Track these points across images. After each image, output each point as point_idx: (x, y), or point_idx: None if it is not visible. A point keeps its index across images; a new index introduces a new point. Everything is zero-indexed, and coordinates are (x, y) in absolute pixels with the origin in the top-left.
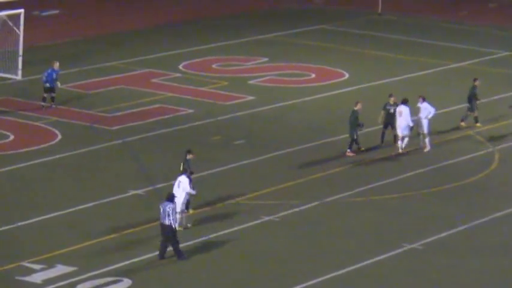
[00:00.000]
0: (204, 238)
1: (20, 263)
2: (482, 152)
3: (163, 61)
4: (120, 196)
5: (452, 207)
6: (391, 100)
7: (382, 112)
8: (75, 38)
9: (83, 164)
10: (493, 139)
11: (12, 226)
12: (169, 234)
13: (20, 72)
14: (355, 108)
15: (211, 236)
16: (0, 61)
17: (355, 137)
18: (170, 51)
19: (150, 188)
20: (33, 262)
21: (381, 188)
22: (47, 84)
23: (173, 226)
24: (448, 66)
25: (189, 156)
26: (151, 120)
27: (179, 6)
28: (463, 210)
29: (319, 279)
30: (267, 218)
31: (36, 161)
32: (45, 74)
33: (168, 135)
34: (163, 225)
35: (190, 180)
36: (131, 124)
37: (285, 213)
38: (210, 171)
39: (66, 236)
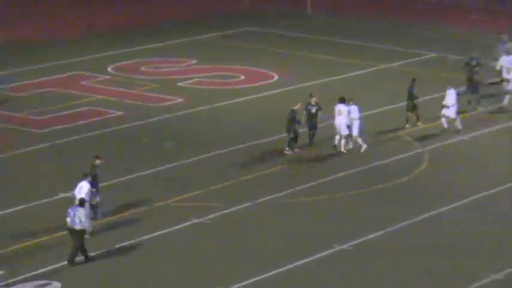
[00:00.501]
0: (133, 241)
1: None
2: (412, 153)
3: (93, 63)
4: (49, 199)
5: (382, 208)
6: (313, 100)
7: (305, 112)
8: (3, 40)
9: (11, 167)
10: (423, 139)
11: None
12: (79, 239)
13: None
14: (295, 108)
15: (141, 238)
16: None
17: (292, 136)
18: (100, 54)
19: None
20: None
21: (311, 189)
22: None
23: (83, 230)
24: (378, 68)
25: (97, 162)
26: (80, 122)
27: (108, 10)
28: (393, 211)
29: (248, 281)
30: (197, 220)
31: None
32: None
33: (98, 137)
34: (73, 230)
35: (93, 186)
36: (60, 127)
37: (215, 215)
38: (140, 173)
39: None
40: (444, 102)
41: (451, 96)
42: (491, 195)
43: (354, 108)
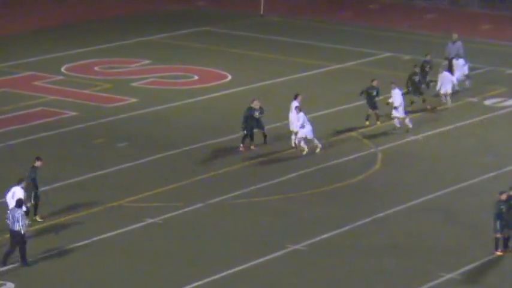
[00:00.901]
0: (86, 241)
1: None
2: (365, 153)
3: (46, 64)
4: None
5: (335, 208)
6: (255, 104)
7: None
8: None
9: None
10: (376, 139)
11: None
12: (18, 240)
13: None
14: (251, 105)
15: (94, 238)
16: None
17: (246, 133)
18: (52, 54)
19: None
20: None
21: (265, 189)
22: None
23: (22, 232)
24: (331, 67)
25: (37, 164)
26: (33, 123)
27: (56, 10)
28: (346, 211)
29: (202, 281)
30: (150, 220)
31: None
32: None
33: (51, 138)
34: (12, 231)
35: (26, 192)
36: (13, 127)
37: (169, 215)
38: (92, 174)
39: None
40: (390, 101)
41: (397, 96)
42: (441, 196)
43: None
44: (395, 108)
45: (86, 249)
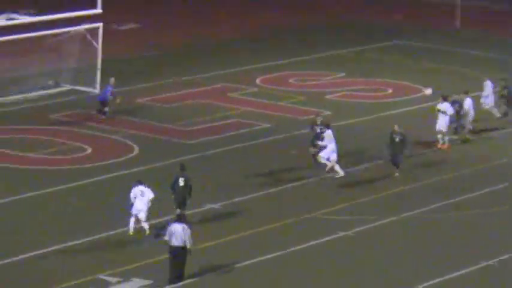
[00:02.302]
0: (281, 252)
1: (97, 276)
2: None
3: (240, 75)
4: (195, 210)
5: None
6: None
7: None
8: (153, 52)
9: (160, 178)
10: None
11: (89, 239)
12: (182, 256)
13: (98, 86)
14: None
15: (289, 249)
16: (79, 75)
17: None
18: (247, 66)
19: (227, 202)
20: (109, 275)
21: (458, 203)
22: (102, 99)
23: (187, 246)
24: None
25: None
26: (228, 134)
27: (254, 20)
28: None
29: None
30: (342, 234)
31: (113, 174)
32: (103, 91)
33: (245, 149)
34: (174, 247)
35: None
36: (208, 138)
37: (361, 228)
38: (288, 185)
39: (143, 249)
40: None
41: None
42: None
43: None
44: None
45: (281, 260)
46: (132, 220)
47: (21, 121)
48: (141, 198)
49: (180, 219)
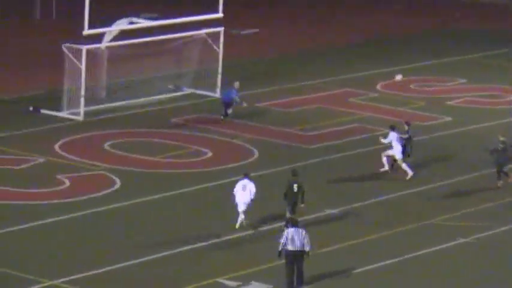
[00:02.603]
0: (397, 259)
1: (216, 280)
2: None
3: (361, 81)
4: (314, 215)
5: None
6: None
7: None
8: (273, 56)
9: (281, 181)
10: None
11: (209, 243)
12: (301, 261)
13: (219, 90)
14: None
15: (406, 256)
16: (200, 79)
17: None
18: (368, 71)
19: (346, 207)
20: (229, 279)
21: None
22: (225, 100)
23: (306, 250)
24: None
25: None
26: (349, 139)
27: (373, 24)
28: None
29: None
30: (462, 240)
31: (234, 178)
32: (226, 93)
33: (365, 155)
34: (292, 251)
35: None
36: (328, 143)
37: (481, 235)
38: (408, 191)
39: (261, 253)
40: None
41: None
42: None
43: None
44: None
45: (395, 266)
46: (241, 217)
47: (144, 124)
48: (243, 192)
49: (296, 223)
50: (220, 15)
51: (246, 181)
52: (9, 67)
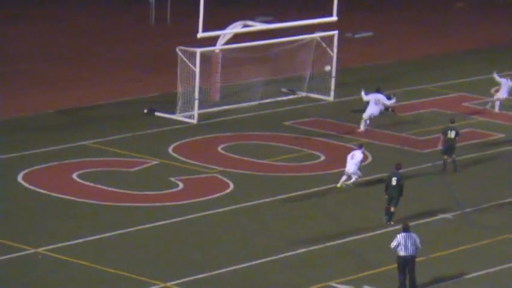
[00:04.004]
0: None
1: (329, 283)
2: None
3: (476, 85)
4: (427, 219)
5: None
6: None
7: None
8: (387, 60)
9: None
10: None
11: (320, 246)
12: (413, 265)
13: (332, 93)
14: None
15: None
16: (314, 82)
17: None
18: (483, 76)
19: (459, 212)
20: (341, 283)
21: None
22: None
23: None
24: None
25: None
26: (461, 144)
27: (491, 31)
28: None
29: None
30: None
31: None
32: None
33: (479, 159)
34: (405, 256)
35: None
36: (441, 148)
37: None
38: None
39: (373, 258)
40: None
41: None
42: None
43: None
44: None
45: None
46: (344, 177)
47: (257, 127)
48: (351, 160)
49: (407, 228)
50: (334, 18)
51: (355, 151)
52: (125, 70)
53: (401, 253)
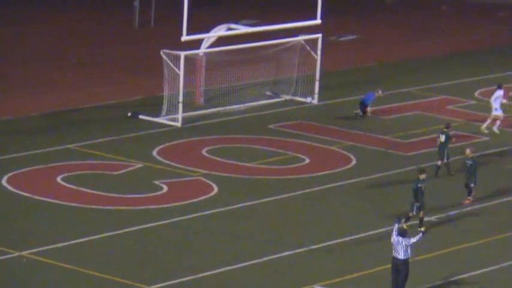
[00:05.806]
0: (496, 266)
1: (313, 286)
2: None
3: (459, 88)
4: (411, 222)
5: None
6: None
7: None
8: (370, 63)
9: (375, 188)
10: None
11: (305, 249)
12: (402, 269)
13: (316, 96)
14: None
15: (501, 265)
16: (297, 85)
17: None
18: (466, 79)
19: (442, 214)
20: (325, 285)
21: None
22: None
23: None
24: None
25: (421, 176)
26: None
27: (473, 35)
28: None
29: None
30: None
31: (329, 185)
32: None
33: (461, 162)
34: (395, 259)
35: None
36: (425, 150)
37: None
38: (505, 199)
39: (358, 260)
40: None
41: None
42: None
43: None
44: None
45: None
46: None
47: (241, 130)
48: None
49: (403, 233)
50: (318, 21)
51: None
52: (109, 73)
53: (394, 254)
